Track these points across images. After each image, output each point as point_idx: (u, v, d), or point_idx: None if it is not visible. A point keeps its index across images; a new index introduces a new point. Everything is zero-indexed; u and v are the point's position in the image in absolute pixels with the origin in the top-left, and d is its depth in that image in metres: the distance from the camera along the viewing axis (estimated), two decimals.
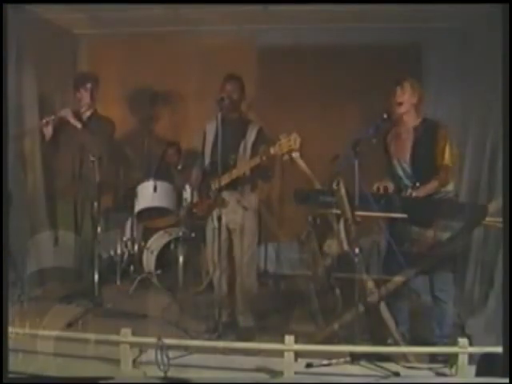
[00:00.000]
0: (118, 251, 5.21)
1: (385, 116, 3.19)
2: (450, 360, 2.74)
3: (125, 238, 5.30)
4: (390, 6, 4.39)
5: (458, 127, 4.63)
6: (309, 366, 2.74)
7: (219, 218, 3.60)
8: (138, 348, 2.84)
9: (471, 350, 2.69)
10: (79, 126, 4.36)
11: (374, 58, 5.18)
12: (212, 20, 5.06)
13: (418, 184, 3.26)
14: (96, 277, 4.22)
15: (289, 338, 2.69)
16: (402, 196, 3.27)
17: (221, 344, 3.17)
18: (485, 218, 3.02)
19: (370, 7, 4.45)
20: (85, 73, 5.14)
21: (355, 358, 2.78)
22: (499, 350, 2.53)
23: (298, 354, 2.73)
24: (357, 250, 2.97)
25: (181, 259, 4.73)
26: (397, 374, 2.69)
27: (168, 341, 2.72)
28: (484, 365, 2.57)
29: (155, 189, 4.83)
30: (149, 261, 4.94)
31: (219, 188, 3.65)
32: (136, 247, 5.26)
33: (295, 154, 3.54)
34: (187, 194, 4.43)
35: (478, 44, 4.44)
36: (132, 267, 5.21)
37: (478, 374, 2.58)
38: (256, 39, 5.53)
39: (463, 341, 2.66)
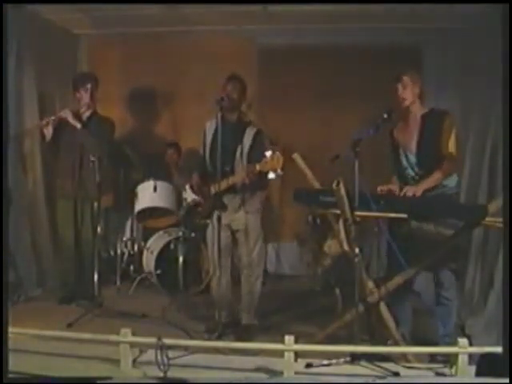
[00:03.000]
0: (118, 251, 5.21)
1: (385, 116, 3.18)
2: (450, 360, 2.74)
3: (125, 238, 5.30)
4: (390, 6, 4.39)
5: (458, 127, 4.63)
6: (309, 366, 2.74)
7: (219, 219, 3.61)
8: (137, 348, 2.83)
9: (471, 350, 2.68)
10: (79, 126, 4.36)
11: (374, 57, 5.18)
12: (212, 20, 5.07)
13: (407, 188, 3.24)
14: (96, 277, 4.23)
15: (289, 338, 2.68)
16: (401, 196, 3.27)
17: (221, 344, 3.18)
18: (485, 217, 3.02)
19: (370, 7, 4.45)
20: (84, 73, 5.14)
21: (355, 358, 2.77)
22: (499, 349, 2.52)
23: (298, 354, 2.73)
24: (357, 250, 2.96)
25: (181, 259, 4.73)
26: (397, 374, 2.68)
27: (168, 341, 2.72)
28: (484, 365, 2.57)
29: (155, 189, 4.83)
30: (149, 261, 4.94)
31: (218, 192, 3.66)
32: (136, 247, 5.27)
33: (295, 154, 3.55)
34: (187, 193, 4.43)
35: (477, 44, 4.44)
36: (132, 267, 5.21)
37: (478, 374, 2.57)
38: (256, 39, 5.53)
39: (463, 341, 2.66)
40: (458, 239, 3.39)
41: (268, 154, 3.54)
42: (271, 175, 3.56)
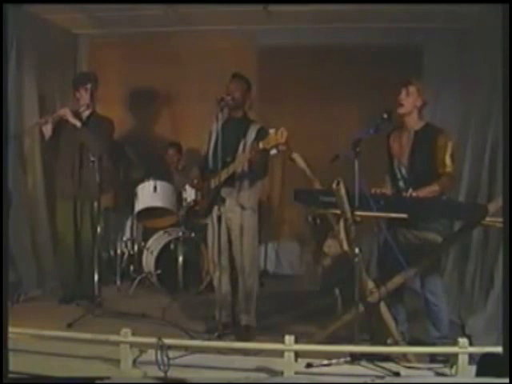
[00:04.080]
0: (118, 251, 5.21)
1: (385, 116, 3.18)
2: (450, 360, 2.74)
3: (125, 238, 5.31)
4: (390, 6, 4.39)
5: (458, 127, 4.64)
6: (309, 366, 2.74)
7: (219, 219, 3.60)
8: (137, 348, 2.83)
9: (471, 349, 2.68)
10: (78, 124, 4.35)
11: (373, 58, 5.18)
12: (212, 20, 5.07)
13: (410, 191, 3.23)
14: (96, 277, 4.23)
15: (289, 338, 2.68)
16: (402, 196, 3.26)
17: (221, 344, 3.17)
18: (485, 218, 3.01)
19: (370, 7, 4.45)
20: (84, 73, 5.14)
21: (355, 358, 2.77)
22: (499, 349, 2.52)
23: (298, 354, 2.73)
24: (357, 250, 2.96)
25: (181, 259, 4.74)
26: (397, 374, 2.68)
27: (168, 341, 2.72)
28: (484, 365, 2.57)
29: (155, 189, 4.84)
30: (149, 261, 4.94)
31: (218, 185, 3.65)
32: (136, 247, 5.27)
33: (295, 154, 3.54)
34: (187, 193, 4.42)
35: (477, 44, 4.44)
36: (132, 267, 5.21)
37: (478, 374, 2.57)
38: (256, 39, 5.54)
39: (463, 341, 2.65)
40: (458, 240, 3.38)
41: (272, 130, 3.48)
42: (273, 151, 3.50)
